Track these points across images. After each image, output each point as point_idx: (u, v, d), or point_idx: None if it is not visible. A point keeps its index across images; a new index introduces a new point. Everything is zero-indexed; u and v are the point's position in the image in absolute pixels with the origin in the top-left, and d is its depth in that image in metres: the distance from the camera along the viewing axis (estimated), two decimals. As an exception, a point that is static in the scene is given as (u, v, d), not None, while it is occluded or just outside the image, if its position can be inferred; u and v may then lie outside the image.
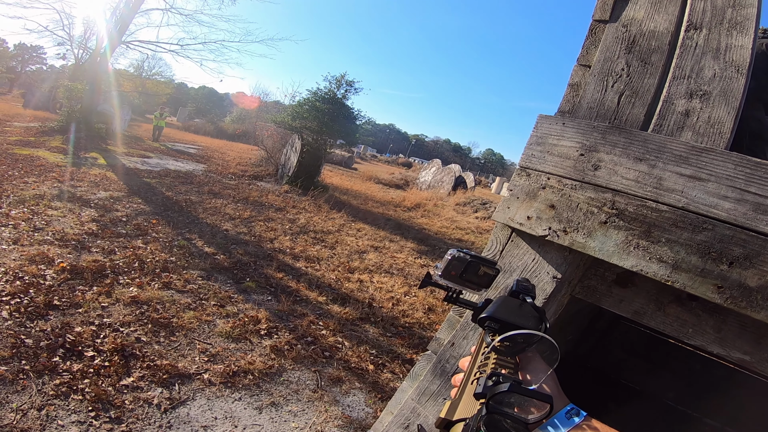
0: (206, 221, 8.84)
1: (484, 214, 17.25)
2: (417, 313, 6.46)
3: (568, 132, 1.61)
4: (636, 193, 1.46)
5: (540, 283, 1.68)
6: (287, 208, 11.53)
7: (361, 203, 15.27)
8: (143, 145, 20.04)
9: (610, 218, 1.49)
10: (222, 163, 18.14)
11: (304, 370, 4.34)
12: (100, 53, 19.23)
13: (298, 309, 5.61)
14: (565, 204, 1.57)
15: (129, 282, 5.23)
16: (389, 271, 8.24)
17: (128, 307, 4.66)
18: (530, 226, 1.63)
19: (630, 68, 1.66)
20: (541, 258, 1.69)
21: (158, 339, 4.24)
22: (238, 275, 6.32)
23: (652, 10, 1.69)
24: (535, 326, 0.86)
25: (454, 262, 1.03)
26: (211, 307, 5.11)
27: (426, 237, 12.14)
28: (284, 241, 8.60)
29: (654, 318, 1.63)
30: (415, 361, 5.04)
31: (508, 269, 1.75)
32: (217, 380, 3.82)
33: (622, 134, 1.51)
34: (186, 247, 6.90)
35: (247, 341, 4.58)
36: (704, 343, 1.54)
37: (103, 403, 3.26)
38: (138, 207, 8.80)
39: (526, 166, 1.67)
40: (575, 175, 1.56)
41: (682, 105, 1.55)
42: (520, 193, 1.67)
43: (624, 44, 1.70)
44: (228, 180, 14.41)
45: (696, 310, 1.56)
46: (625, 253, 1.45)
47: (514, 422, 0.63)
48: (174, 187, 11.50)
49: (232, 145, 29.56)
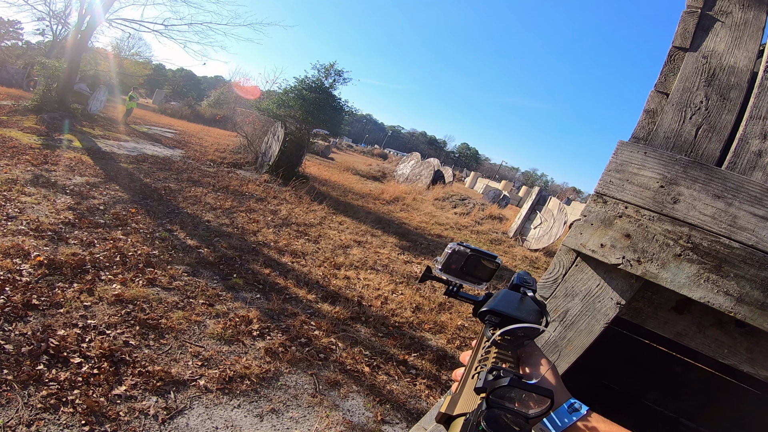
0: (187, 211, 8.59)
1: (462, 210, 17.32)
2: (406, 312, 6.41)
3: (649, 162, 1.58)
4: (711, 229, 1.49)
5: (603, 308, 1.71)
6: (268, 199, 11.33)
7: (341, 195, 15.15)
8: (119, 127, 19.41)
9: (685, 251, 1.51)
10: (200, 149, 17.74)
11: (300, 373, 4.23)
12: (81, 30, 18.45)
13: (288, 308, 5.49)
14: (642, 234, 1.56)
15: (111, 278, 5.00)
16: (374, 267, 8.17)
17: (113, 307, 4.44)
18: (603, 253, 1.61)
19: (709, 102, 1.66)
20: (606, 284, 1.69)
21: (147, 342, 4.05)
22: (224, 271, 6.15)
23: (733, 45, 1.70)
24: (536, 320, 0.86)
25: (455, 256, 1.02)
26: (200, 306, 4.94)
27: (407, 232, 12.11)
28: (268, 234, 8.44)
29: (694, 339, 1.70)
30: (408, 362, 5.00)
31: (570, 293, 1.75)
32: (213, 386, 3.67)
33: (702, 170, 1.52)
34: (168, 239, 6.68)
35: (240, 343, 4.43)
36: (737, 362, 1.63)
37: (97, 416, 3.07)
38: (116, 194, 8.49)
39: (604, 193, 1.63)
40: (654, 207, 1.55)
41: (756, 145, 1.57)
42: (595, 220, 1.64)
43: (703, 76, 1.69)
44: (207, 167, 14.08)
45: (733, 333, 1.64)
46: (696, 285, 1.49)
47: (514, 417, 0.61)
48: (152, 174, 11.16)
49: (210, 130, 28.96)
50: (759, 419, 3.12)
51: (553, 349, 1.78)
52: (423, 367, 4.99)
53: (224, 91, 39.09)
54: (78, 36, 18.65)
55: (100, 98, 22.52)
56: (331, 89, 16.04)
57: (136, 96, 23.82)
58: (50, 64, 19.32)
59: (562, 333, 1.77)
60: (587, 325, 1.74)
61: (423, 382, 4.67)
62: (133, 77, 33.76)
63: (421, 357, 5.19)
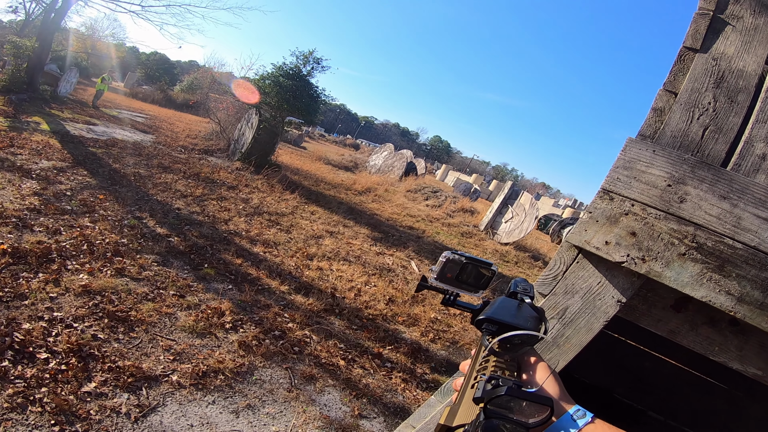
0: (157, 198, 8.34)
1: (435, 203, 17.38)
2: (379, 305, 6.37)
3: (657, 160, 1.58)
4: (716, 229, 1.50)
5: (603, 306, 1.71)
6: (240, 187, 11.12)
7: (313, 185, 15.00)
8: (89, 110, 18.73)
9: (689, 251, 1.52)
10: (171, 135, 17.30)
11: (275, 367, 4.15)
12: (55, 8, 17.65)
13: (261, 299, 5.38)
14: (647, 233, 1.56)
15: (78, 268, 4.79)
16: (347, 258, 8.10)
17: (80, 298, 4.25)
18: (607, 251, 1.60)
19: (717, 104, 1.67)
20: (607, 282, 1.68)
21: (117, 336, 3.89)
22: (195, 260, 5.99)
23: (743, 49, 1.71)
24: (534, 326, 0.84)
25: (449, 264, 1.01)
26: (171, 297, 4.79)
27: (379, 223, 12.07)
28: (239, 223, 8.28)
29: (686, 337, 1.71)
30: (383, 355, 4.96)
31: (570, 290, 1.74)
32: (186, 382, 3.55)
33: (710, 171, 1.53)
34: (137, 227, 6.47)
35: (212, 336, 4.31)
36: (727, 359, 1.66)
37: (67, 415, 2.92)
38: (83, 180, 8.17)
39: (610, 190, 1.62)
40: (660, 205, 1.55)
41: (761, 148, 1.59)
42: (600, 217, 1.62)
43: (713, 78, 1.70)
44: (178, 153, 13.73)
45: (724, 331, 1.66)
46: (698, 284, 1.50)
47: (513, 426, 0.61)
48: (121, 159, 10.81)
49: (181, 116, 28.24)
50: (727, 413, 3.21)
51: (551, 347, 1.76)
52: (398, 360, 4.96)
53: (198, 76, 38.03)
54: (51, 15, 17.89)
55: (71, 80, 21.75)
56: (308, 77, 15.84)
57: (108, 78, 23.04)
58: (21, 43, 18.48)
59: (560, 330, 1.75)
60: (587, 323, 1.72)
61: (398, 375, 4.64)
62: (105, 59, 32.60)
63: (395, 350, 5.17)
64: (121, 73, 47.55)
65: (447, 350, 5.68)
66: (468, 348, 5.95)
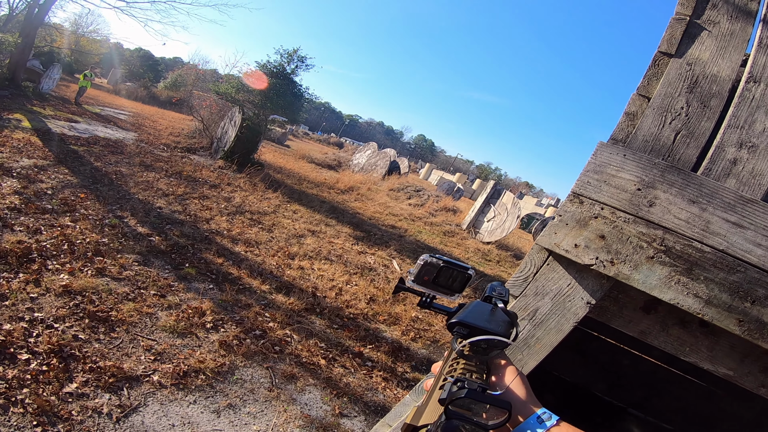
0: (138, 197, 8.27)
1: (417, 201, 17.44)
2: (360, 304, 6.41)
3: (628, 165, 1.61)
4: (685, 233, 1.54)
5: (573, 308, 1.74)
6: (222, 186, 11.06)
7: (296, 183, 14.95)
8: (71, 107, 18.41)
9: (658, 254, 1.56)
10: (154, 133, 17.09)
11: (256, 366, 4.17)
12: (39, 4, 17.31)
13: (242, 299, 5.38)
14: (616, 236, 1.59)
15: (59, 268, 4.75)
16: (328, 257, 8.12)
17: (60, 298, 4.22)
18: (577, 254, 1.64)
19: (690, 108, 1.70)
20: (577, 284, 1.72)
21: (98, 336, 3.88)
22: (176, 260, 5.97)
23: (718, 54, 1.74)
24: (505, 331, 0.85)
25: (427, 267, 1.02)
26: (152, 297, 4.77)
27: (361, 222, 12.09)
28: (221, 222, 8.24)
29: (657, 337, 1.75)
30: (364, 354, 5.00)
31: (540, 292, 1.77)
32: (167, 382, 3.56)
33: (680, 175, 1.57)
34: (118, 226, 6.42)
35: (193, 336, 4.32)
36: (698, 360, 1.70)
37: (49, 416, 2.92)
38: (65, 178, 8.06)
39: (580, 193, 1.65)
40: (630, 209, 1.59)
41: (732, 153, 1.63)
42: (570, 220, 1.65)
43: (686, 83, 1.73)
44: (160, 151, 13.60)
45: (695, 333, 1.70)
46: (666, 287, 1.54)
47: (473, 428, 0.63)
48: (103, 157, 10.67)
49: (164, 113, 27.85)
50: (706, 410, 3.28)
51: (522, 348, 1.80)
52: (379, 359, 5.00)
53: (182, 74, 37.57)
54: (35, 10, 17.55)
55: (54, 76, 21.35)
56: (292, 75, 15.77)
57: (91, 75, 22.65)
58: (4, 38, 18.14)
59: (531, 331, 1.79)
60: (557, 324, 1.76)
61: (379, 374, 4.69)
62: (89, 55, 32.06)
63: (376, 349, 5.21)
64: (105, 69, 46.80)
65: (427, 349, 5.73)
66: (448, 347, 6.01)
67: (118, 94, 34.74)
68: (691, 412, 3.33)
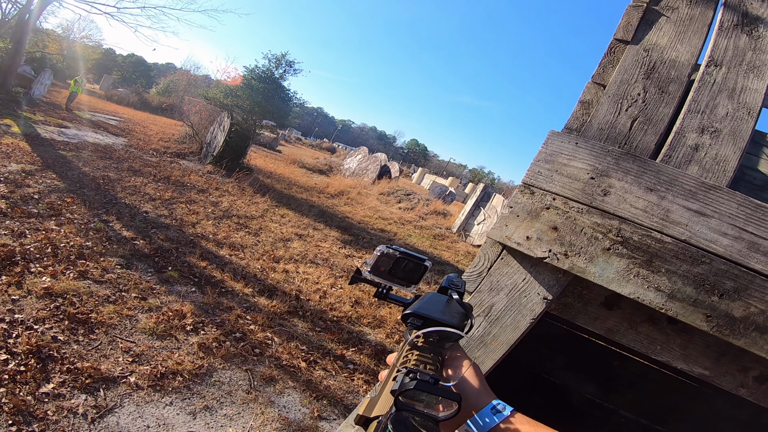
0: (125, 201, 8.20)
1: (407, 205, 17.42)
2: (344, 307, 6.36)
3: (580, 153, 1.55)
4: (642, 222, 1.47)
5: (529, 303, 1.67)
6: (210, 190, 11.00)
7: (285, 188, 14.90)
8: (62, 113, 18.29)
9: (614, 245, 1.49)
10: (144, 138, 16.99)
11: (235, 369, 4.12)
12: (30, 9, 17.19)
13: (224, 301, 5.33)
14: (569, 227, 1.53)
15: (41, 270, 4.71)
16: (314, 261, 8.08)
17: (41, 301, 4.18)
18: (529, 246, 1.57)
19: (647, 94, 1.65)
20: (532, 278, 1.65)
21: (77, 338, 3.84)
22: (159, 263, 5.91)
23: (676, 39, 1.70)
24: (460, 323, 0.85)
25: (383, 258, 1.01)
26: (132, 299, 4.72)
27: (349, 226, 12.05)
28: (207, 226, 8.19)
29: (626, 336, 1.68)
30: (346, 357, 4.95)
31: (495, 287, 1.70)
32: (144, 383, 3.52)
33: (635, 162, 1.50)
34: (103, 230, 6.35)
35: (172, 338, 4.27)
36: (670, 359, 1.62)
37: (24, 416, 2.91)
38: (52, 183, 7.99)
39: (531, 184, 1.59)
40: (583, 199, 1.52)
41: (693, 139, 1.57)
42: (521, 212, 1.59)
43: (643, 69, 1.68)
44: (149, 156, 13.52)
45: (666, 330, 1.63)
46: (625, 280, 1.47)
47: (423, 419, 0.62)
48: (91, 162, 10.61)
49: (156, 119, 27.74)
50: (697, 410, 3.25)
51: (478, 346, 1.74)
52: (361, 362, 4.97)
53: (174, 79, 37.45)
54: (26, 15, 17.43)
55: (45, 82, 21.22)
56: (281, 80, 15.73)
57: (82, 81, 22.49)
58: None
59: (487, 329, 1.73)
60: (513, 320, 1.70)
61: (361, 377, 4.65)
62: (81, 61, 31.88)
63: (359, 352, 5.17)
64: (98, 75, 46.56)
65: (411, 351, 5.69)
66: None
67: (110, 100, 34.60)
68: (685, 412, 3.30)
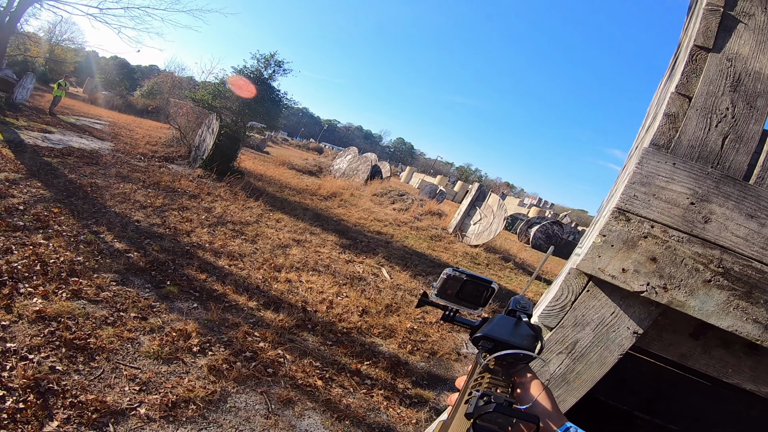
0: (115, 210, 7.90)
1: (401, 206, 17.25)
2: (353, 317, 6.17)
3: (678, 175, 1.40)
4: (743, 252, 1.36)
5: (618, 339, 1.56)
6: (202, 196, 10.71)
7: (277, 191, 14.65)
8: (45, 117, 17.79)
9: (715, 277, 1.37)
10: (130, 142, 16.57)
11: (249, 392, 3.89)
12: (11, 12, 16.69)
13: (229, 317, 5.10)
14: (669, 258, 1.39)
15: (31, 291, 4.40)
16: (316, 268, 7.87)
17: (34, 325, 3.88)
18: (625, 279, 1.43)
19: (735, 109, 1.49)
20: (622, 312, 1.53)
21: (77, 367, 3.55)
22: (156, 277, 5.65)
23: (757, 49, 1.55)
24: (530, 345, 0.85)
25: (450, 281, 1.01)
26: (132, 320, 4.45)
27: (346, 229, 11.86)
28: (202, 234, 7.93)
29: (699, 360, 1.61)
30: (362, 371, 4.76)
31: (580, 322, 1.56)
32: (156, 414, 3.26)
33: (735, 186, 1.37)
34: (94, 242, 6.07)
35: (179, 362, 4.02)
36: (740, 381, 1.57)
37: None
38: (37, 192, 7.64)
39: (626, 210, 1.43)
40: (683, 227, 1.39)
41: None
42: (616, 241, 1.43)
43: (729, 81, 1.52)
44: (137, 161, 13.15)
45: (738, 352, 1.57)
46: (725, 313, 1.37)
47: None
48: (78, 169, 10.23)
49: (141, 122, 27.21)
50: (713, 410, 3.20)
51: (560, 384, 1.59)
52: (378, 376, 4.77)
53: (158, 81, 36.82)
54: (6, 18, 16.92)
55: (27, 86, 20.68)
56: (270, 81, 15.42)
57: (65, 84, 22.00)
58: None
59: (570, 366, 1.58)
60: (599, 357, 1.55)
61: (380, 393, 4.45)
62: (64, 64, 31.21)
63: (374, 365, 4.97)
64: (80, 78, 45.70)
65: (427, 362, 5.51)
66: (448, 358, 5.81)
67: (94, 103, 34.00)
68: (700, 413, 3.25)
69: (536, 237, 24.92)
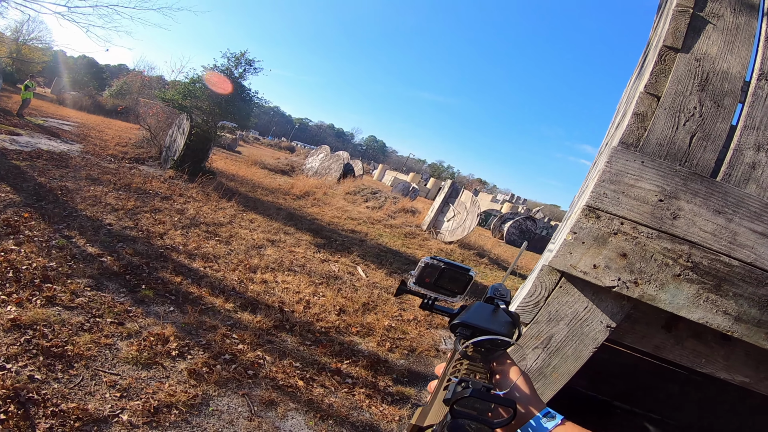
0: (86, 213, 7.73)
1: (375, 204, 17.29)
2: (330, 316, 6.20)
3: (647, 173, 1.46)
4: (711, 246, 1.43)
5: (591, 332, 1.62)
6: (174, 197, 10.56)
7: (250, 191, 14.52)
8: (13, 119, 17.19)
9: (685, 271, 1.44)
10: (100, 143, 16.18)
11: (231, 394, 3.89)
12: None
13: (206, 320, 5.07)
14: (639, 253, 1.45)
15: (5, 299, 4.29)
16: (291, 268, 7.85)
17: (10, 334, 3.79)
18: (596, 275, 1.48)
19: (703, 108, 1.56)
20: (594, 306, 1.59)
21: (56, 375, 3.49)
22: (131, 282, 5.57)
23: (725, 49, 1.62)
24: (508, 331, 0.87)
25: (428, 269, 1.02)
26: (109, 325, 4.39)
27: (320, 228, 11.84)
28: (176, 237, 7.83)
29: (672, 351, 1.67)
30: (342, 371, 4.80)
31: (554, 317, 1.63)
32: (138, 421, 3.23)
33: (703, 183, 1.44)
34: (66, 247, 5.94)
35: (159, 366, 3.99)
36: (714, 370, 1.64)
37: None
38: (6, 197, 7.43)
39: (597, 207, 1.48)
40: (652, 223, 1.45)
41: (750, 156, 1.52)
42: (587, 238, 1.49)
43: (697, 80, 1.59)
44: (107, 163, 12.85)
45: (710, 343, 1.63)
46: (695, 306, 1.44)
47: (478, 426, 0.63)
48: (47, 172, 9.95)
49: (111, 122, 26.51)
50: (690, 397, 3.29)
51: (537, 377, 1.66)
52: (358, 374, 4.81)
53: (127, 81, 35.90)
54: None
55: (-7, 87, 19.97)
56: (240, 79, 15.25)
57: (33, 85, 21.25)
58: None
59: (546, 360, 1.64)
60: (574, 351, 1.62)
61: (361, 391, 4.49)
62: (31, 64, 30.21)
63: (354, 364, 5.01)
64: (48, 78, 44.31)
65: (406, 359, 5.58)
66: (427, 355, 5.89)
67: (63, 104, 32.93)
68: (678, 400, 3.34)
69: (510, 233, 25.26)
